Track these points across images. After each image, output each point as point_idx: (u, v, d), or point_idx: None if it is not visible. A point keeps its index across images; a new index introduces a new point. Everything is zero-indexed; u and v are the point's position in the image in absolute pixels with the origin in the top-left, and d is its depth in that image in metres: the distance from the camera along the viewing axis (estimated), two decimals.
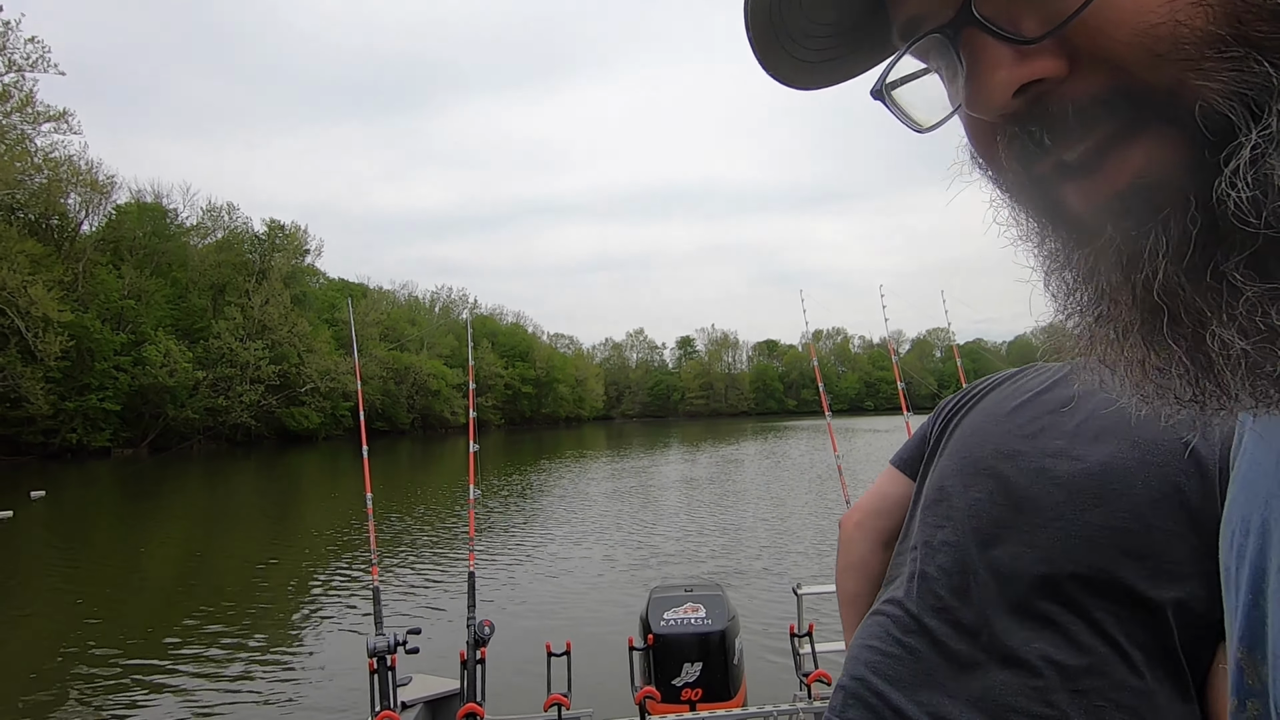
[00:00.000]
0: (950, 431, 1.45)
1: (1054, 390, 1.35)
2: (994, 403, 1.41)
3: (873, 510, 1.59)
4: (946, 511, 1.30)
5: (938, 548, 1.28)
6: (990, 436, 1.34)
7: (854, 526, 1.59)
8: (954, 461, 1.36)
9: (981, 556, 1.23)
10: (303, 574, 11.42)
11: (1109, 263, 0.41)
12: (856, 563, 1.59)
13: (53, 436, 44.22)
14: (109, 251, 49.99)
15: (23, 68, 40.97)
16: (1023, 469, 1.26)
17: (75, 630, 8.86)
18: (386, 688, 3.89)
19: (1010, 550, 1.20)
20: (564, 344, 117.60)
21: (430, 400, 72.73)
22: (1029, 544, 1.20)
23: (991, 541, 1.23)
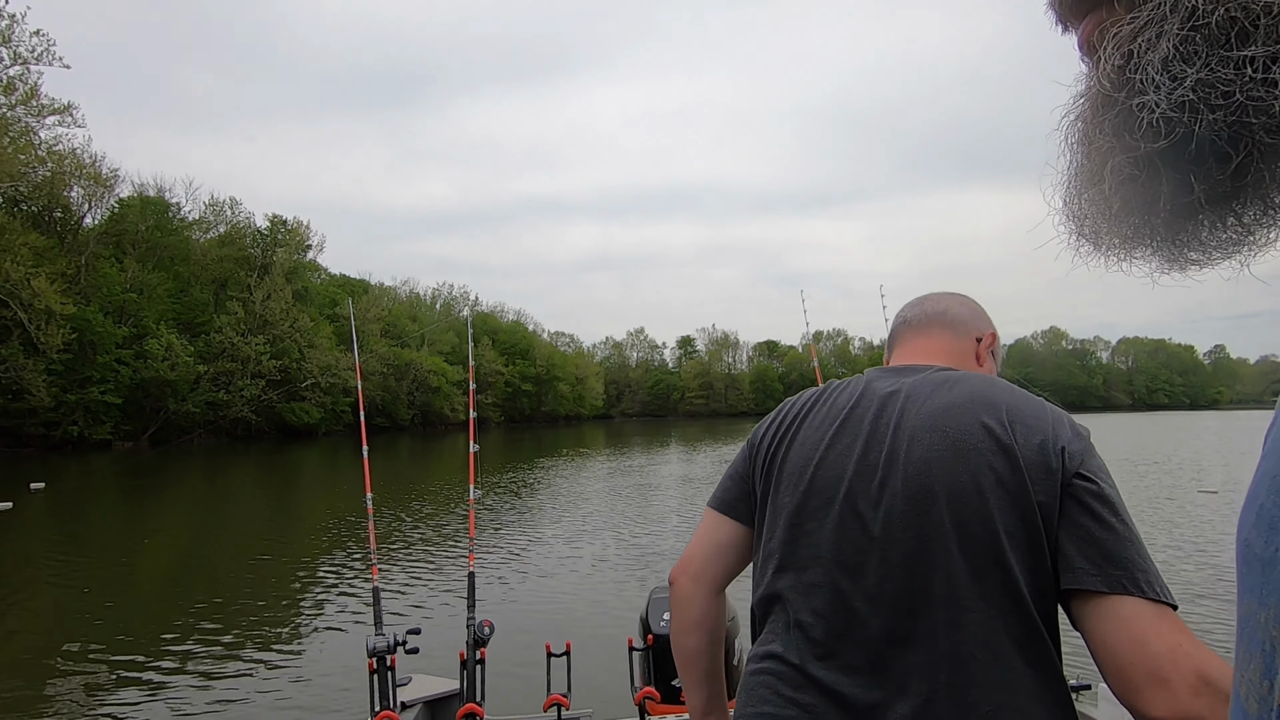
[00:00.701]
0: (778, 465, 1.39)
1: (858, 405, 1.37)
2: (815, 429, 1.37)
3: (706, 559, 1.48)
4: (811, 552, 1.26)
5: (808, 591, 1.24)
6: (826, 465, 1.30)
7: (690, 580, 1.48)
8: (797, 497, 1.31)
9: (855, 590, 1.19)
10: (302, 573, 11.41)
11: None
12: (698, 618, 1.47)
13: (54, 429, 44.26)
14: (111, 245, 50.06)
15: (28, 61, 40.96)
16: (865, 490, 1.24)
17: (71, 624, 8.85)
18: (386, 688, 3.89)
19: (878, 574, 1.18)
20: (564, 342, 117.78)
21: (430, 397, 72.77)
22: (894, 563, 1.18)
23: (859, 571, 1.20)
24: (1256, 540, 0.46)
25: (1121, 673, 1.03)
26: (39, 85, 41.83)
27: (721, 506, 1.50)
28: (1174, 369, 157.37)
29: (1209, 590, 9.18)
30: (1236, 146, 0.45)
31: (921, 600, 1.15)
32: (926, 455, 1.22)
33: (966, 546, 1.15)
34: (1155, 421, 77.05)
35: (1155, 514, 15.07)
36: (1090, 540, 1.12)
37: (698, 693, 1.53)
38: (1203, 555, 11.23)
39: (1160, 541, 12.20)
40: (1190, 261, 0.53)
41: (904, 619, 1.16)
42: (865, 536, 1.21)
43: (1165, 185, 0.49)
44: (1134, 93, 0.48)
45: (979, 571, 1.13)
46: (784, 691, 1.23)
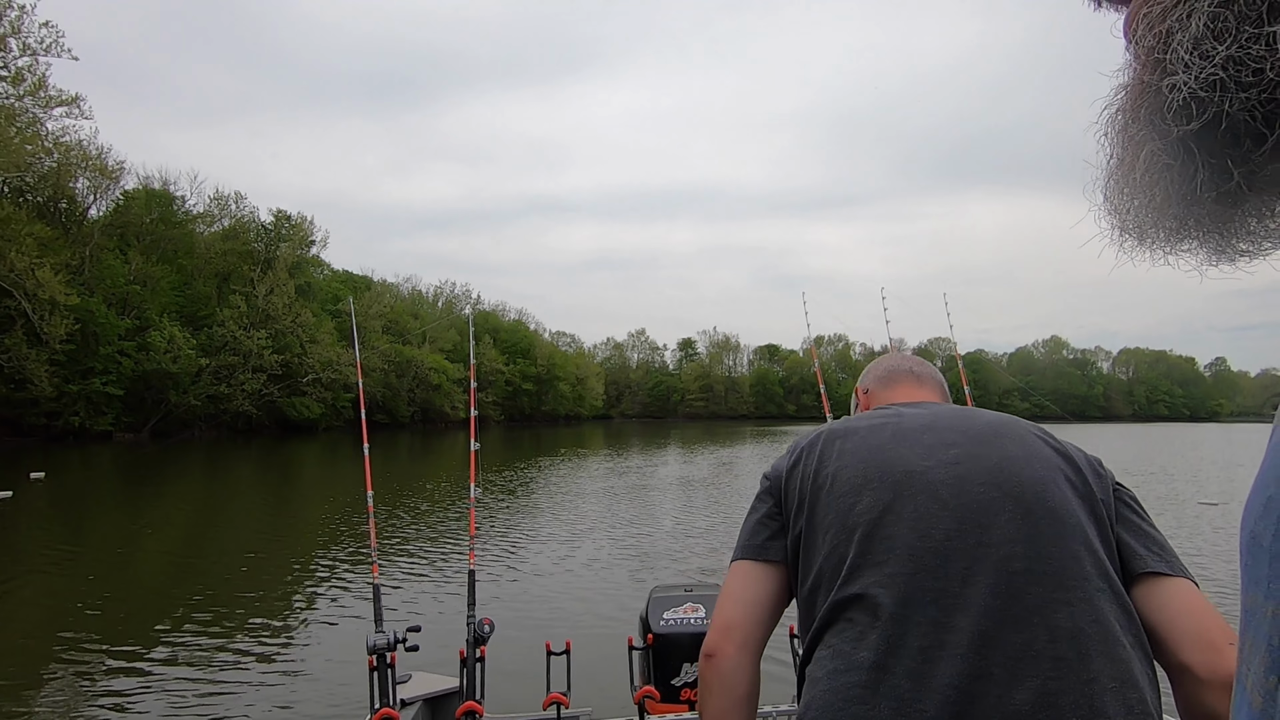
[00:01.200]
0: (826, 486, 1.36)
1: (905, 422, 1.44)
2: (861, 448, 1.39)
3: (752, 622, 1.37)
4: (900, 548, 1.24)
5: (901, 583, 1.20)
6: (895, 469, 1.32)
7: (738, 650, 1.34)
8: (868, 503, 1.30)
9: (954, 578, 1.19)
10: (302, 569, 11.42)
11: None
12: (747, 692, 1.35)
13: (55, 419, 44.30)
14: (116, 237, 50.12)
15: (36, 52, 41.04)
16: (949, 484, 1.29)
17: (68, 615, 8.83)
18: (386, 685, 3.90)
19: (977, 560, 1.21)
20: (565, 342, 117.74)
21: (431, 394, 72.77)
22: (993, 547, 1.22)
23: (955, 559, 1.22)
24: (1265, 532, 0.45)
25: (1201, 637, 1.16)
26: (47, 76, 41.94)
27: (755, 554, 1.41)
28: (1174, 380, 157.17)
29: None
30: (1272, 125, 0.44)
31: (1027, 581, 1.19)
32: (1002, 454, 1.33)
33: (1060, 530, 1.23)
34: (1155, 432, 76.95)
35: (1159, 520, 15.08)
36: (1144, 535, 1.31)
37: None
38: (1200, 562, 11.26)
39: None
40: (1239, 253, 0.52)
41: (1011, 601, 1.17)
42: (958, 526, 1.24)
43: (1202, 171, 0.47)
44: (1165, 74, 0.47)
45: (1075, 554, 1.22)
46: (882, 689, 1.15)
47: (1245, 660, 0.46)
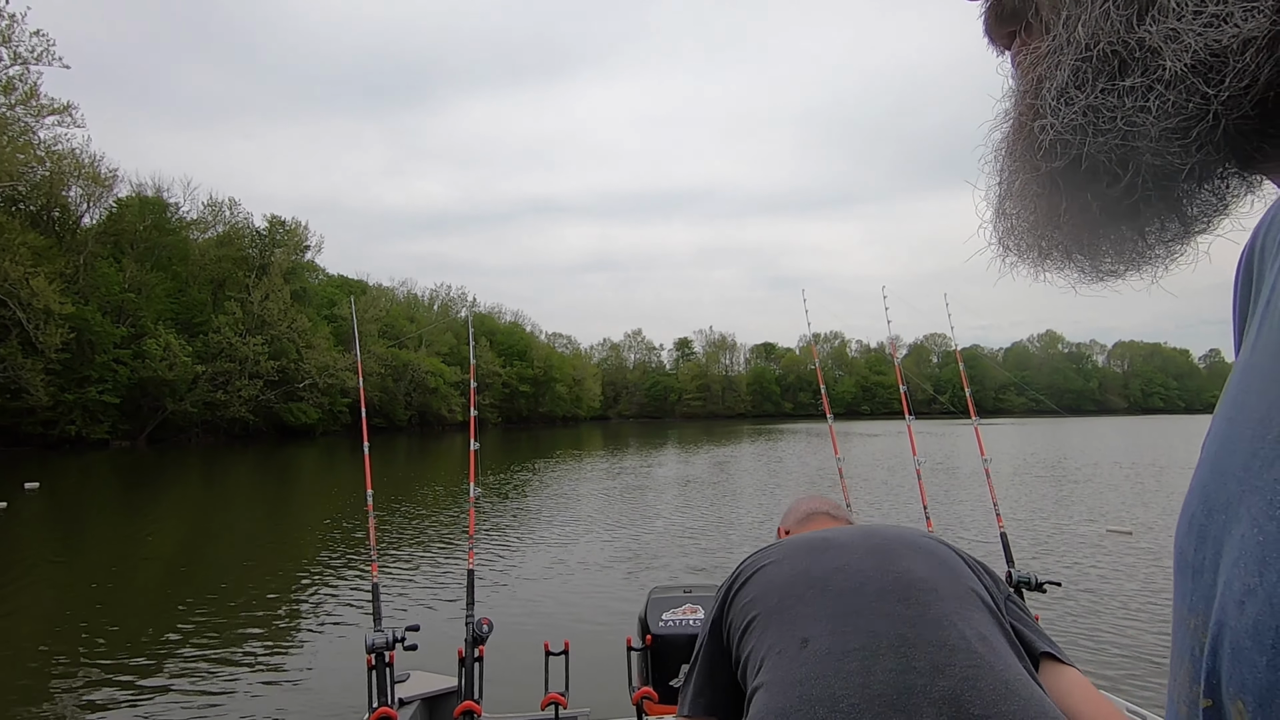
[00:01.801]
0: (765, 598, 1.48)
1: (817, 534, 1.63)
2: (797, 561, 1.53)
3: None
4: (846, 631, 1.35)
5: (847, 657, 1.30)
6: (832, 574, 1.47)
7: None
8: (804, 599, 1.42)
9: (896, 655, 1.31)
10: (301, 570, 11.42)
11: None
12: None
13: (52, 428, 44.25)
14: (110, 244, 50.05)
15: (28, 60, 40.95)
16: (882, 579, 1.43)
17: (65, 622, 8.84)
18: (384, 684, 3.91)
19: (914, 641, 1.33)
20: (562, 343, 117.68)
21: (428, 397, 72.75)
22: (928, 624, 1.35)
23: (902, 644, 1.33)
24: (1188, 548, 0.48)
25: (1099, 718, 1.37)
26: (38, 85, 41.86)
27: (707, 708, 1.54)
28: (1169, 373, 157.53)
29: None
30: (1125, 167, 0.48)
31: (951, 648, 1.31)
32: (907, 547, 1.51)
33: (955, 590, 1.41)
34: (1150, 425, 77.11)
35: (1150, 515, 15.14)
36: (1034, 627, 1.48)
37: None
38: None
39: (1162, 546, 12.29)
40: (1107, 273, 0.56)
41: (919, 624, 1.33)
42: (902, 608, 1.36)
43: (1064, 202, 0.52)
44: (1036, 115, 0.51)
45: (967, 603, 1.40)
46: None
47: (1173, 673, 0.48)
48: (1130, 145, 0.47)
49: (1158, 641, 7.51)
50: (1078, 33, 0.48)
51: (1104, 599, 9.00)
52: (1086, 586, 9.50)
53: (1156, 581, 9.86)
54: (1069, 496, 19.05)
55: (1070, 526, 14.21)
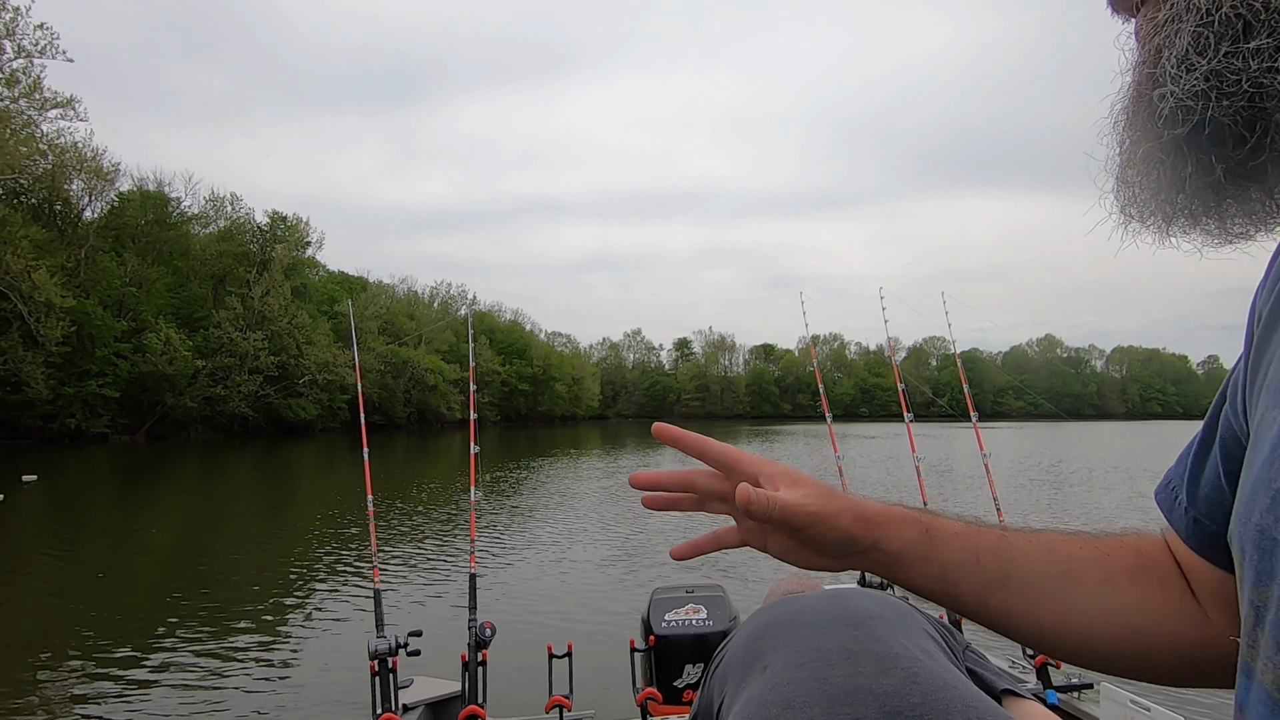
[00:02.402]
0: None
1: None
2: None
3: None
4: None
5: None
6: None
7: None
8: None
9: None
10: (302, 574, 11.39)
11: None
12: None
13: (51, 421, 44.27)
14: (111, 238, 50.03)
15: (31, 54, 40.93)
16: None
17: (60, 623, 8.78)
18: (388, 690, 3.91)
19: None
20: (561, 343, 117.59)
21: (427, 395, 72.73)
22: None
23: None
24: (1273, 525, 0.48)
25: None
26: (42, 78, 41.86)
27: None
28: (1168, 378, 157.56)
29: None
30: (1252, 128, 0.49)
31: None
32: (876, 601, 1.42)
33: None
34: (1149, 430, 77.09)
35: (1147, 520, 15.13)
36: (991, 668, 1.39)
37: None
38: None
39: None
40: (1236, 235, 0.57)
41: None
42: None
43: (1189, 167, 0.53)
44: (1155, 84, 0.52)
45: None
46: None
47: (1264, 655, 0.48)
48: (1257, 106, 0.48)
49: None
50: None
51: None
52: None
53: None
54: (1066, 500, 19.06)
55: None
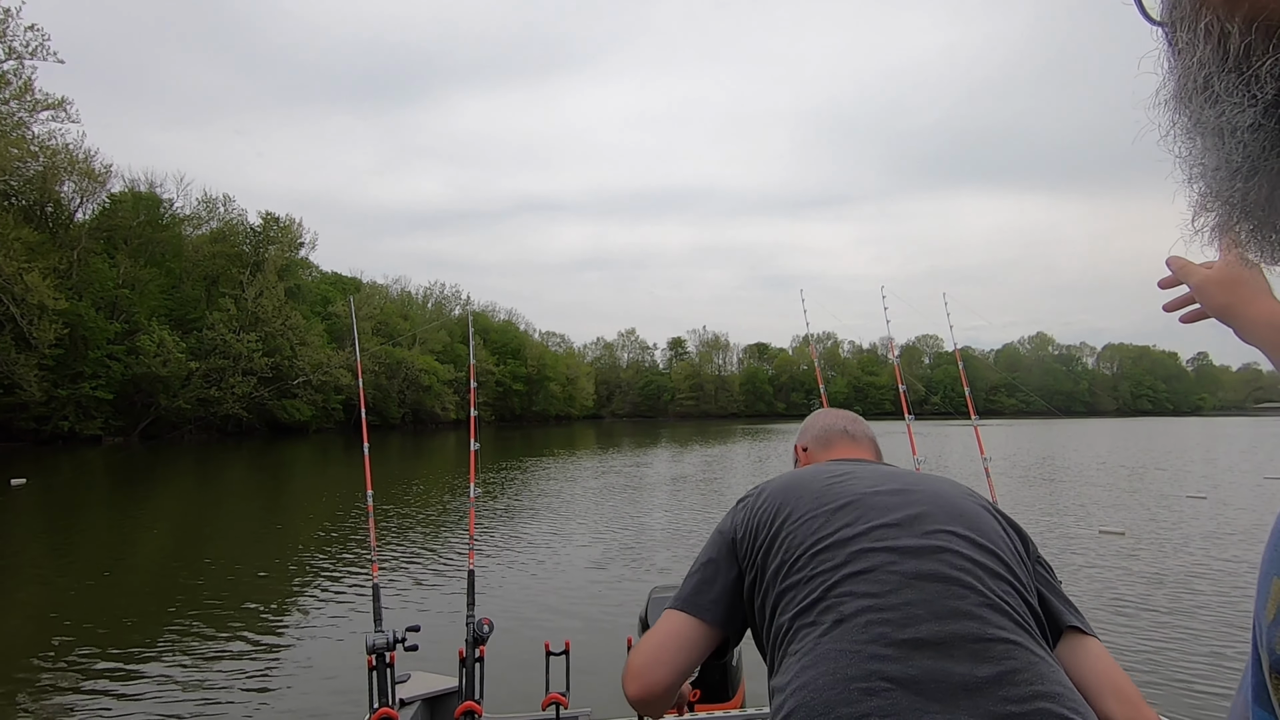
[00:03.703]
0: (779, 529, 1.45)
1: (853, 475, 1.57)
2: (823, 492, 1.50)
3: (672, 686, 1.46)
4: (877, 569, 1.33)
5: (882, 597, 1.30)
6: (857, 507, 1.45)
7: (656, 704, 1.47)
8: (836, 534, 1.39)
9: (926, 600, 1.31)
10: (300, 570, 11.39)
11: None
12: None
13: (45, 423, 44.16)
14: (103, 240, 49.88)
15: (22, 55, 40.80)
16: (912, 520, 1.42)
17: (52, 622, 8.77)
18: (385, 684, 3.91)
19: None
20: (555, 342, 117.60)
21: (421, 395, 72.66)
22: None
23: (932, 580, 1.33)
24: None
25: (1120, 691, 1.36)
26: (33, 80, 41.73)
27: (696, 610, 1.48)
28: (1158, 375, 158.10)
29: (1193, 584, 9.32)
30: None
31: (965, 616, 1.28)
32: (954, 509, 1.46)
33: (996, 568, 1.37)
34: (1139, 427, 77.34)
35: (1145, 514, 15.20)
36: (1062, 596, 1.48)
37: None
38: (1195, 554, 11.37)
39: (1158, 538, 12.37)
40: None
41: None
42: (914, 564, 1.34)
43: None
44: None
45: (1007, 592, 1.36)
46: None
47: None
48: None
49: (1152, 643, 7.56)
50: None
51: (1099, 600, 9.06)
52: (1081, 588, 9.56)
53: (1151, 582, 9.93)
54: (1060, 497, 19.12)
55: (1062, 527, 14.28)
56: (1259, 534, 13.63)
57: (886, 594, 1.26)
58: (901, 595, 1.26)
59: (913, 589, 1.27)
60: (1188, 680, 6.50)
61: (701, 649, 1.48)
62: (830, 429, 1.93)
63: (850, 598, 1.28)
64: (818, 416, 2.00)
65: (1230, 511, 16.36)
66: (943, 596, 1.26)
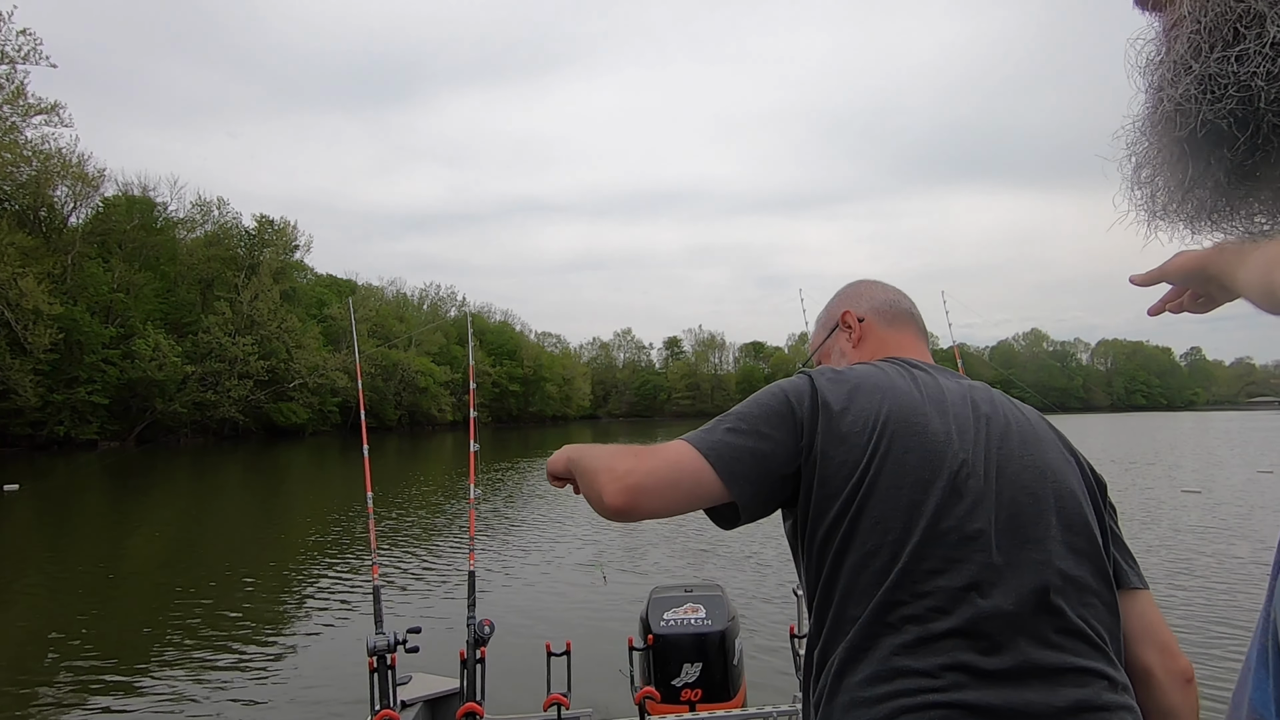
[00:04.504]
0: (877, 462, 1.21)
1: (952, 407, 1.33)
2: (921, 428, 1.25)
3: (662, 509, 1.25)
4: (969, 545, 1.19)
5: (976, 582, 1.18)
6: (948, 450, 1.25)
7: (640, 514, 1.24)
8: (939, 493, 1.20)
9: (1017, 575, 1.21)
10: (301, 572, 11.39)
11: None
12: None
13: (40, 429, 44.05)
14: (97, 244, 49.77)
15: (14, 60, 40.68)
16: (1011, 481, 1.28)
17: (54, 626, 8.73)
18: (386, 686, 3.92)
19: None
20: (551, 343, 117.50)
21: (418, 397, 72.64)
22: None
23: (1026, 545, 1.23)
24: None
25: (1159, 641, 1.31)
26: (25, 84, 41.61)
27: (725, 473, 1.23)
28: (1151, 371, 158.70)
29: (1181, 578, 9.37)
30: (1245, 129, 0.51)
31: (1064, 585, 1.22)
32: (1044, 462, 1.29)
33: (1087, 546, 1.27)
34: (1133, 422, 77.53)
35: (1145, 512, 15.26)
36: (1125, 551, 1.36)
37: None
38: (1186, 551, 11.41)
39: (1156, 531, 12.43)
40: (1259, 233, 0.58)
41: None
42: (1010, 528, 1.22)
43: (1191, 169, 0.55)
44: (1162, 85, 0.55)
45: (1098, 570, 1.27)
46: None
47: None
48: (1249, 109, 0.49)
49: None
50: (1190, 4, 0.52)
51: None
52: None
53: (1150, 574, 9.95)
54: None
55: None
56: (1252, 527, 13.71)
57: (972, 619, 1.14)
58: (988, 625, 1.14)
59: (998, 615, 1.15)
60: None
61: (704, 504, 1.26)
62: (897, 305, 1.57)
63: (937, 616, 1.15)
64: (868, 284, 1.62)
65: (1224, 505, 16.45)
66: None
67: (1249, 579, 9.78)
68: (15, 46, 40.59)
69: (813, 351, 1.67)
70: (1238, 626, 7.74)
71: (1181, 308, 1.12)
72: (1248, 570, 10.29)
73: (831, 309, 1.62)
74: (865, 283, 1.62)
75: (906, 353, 1.48)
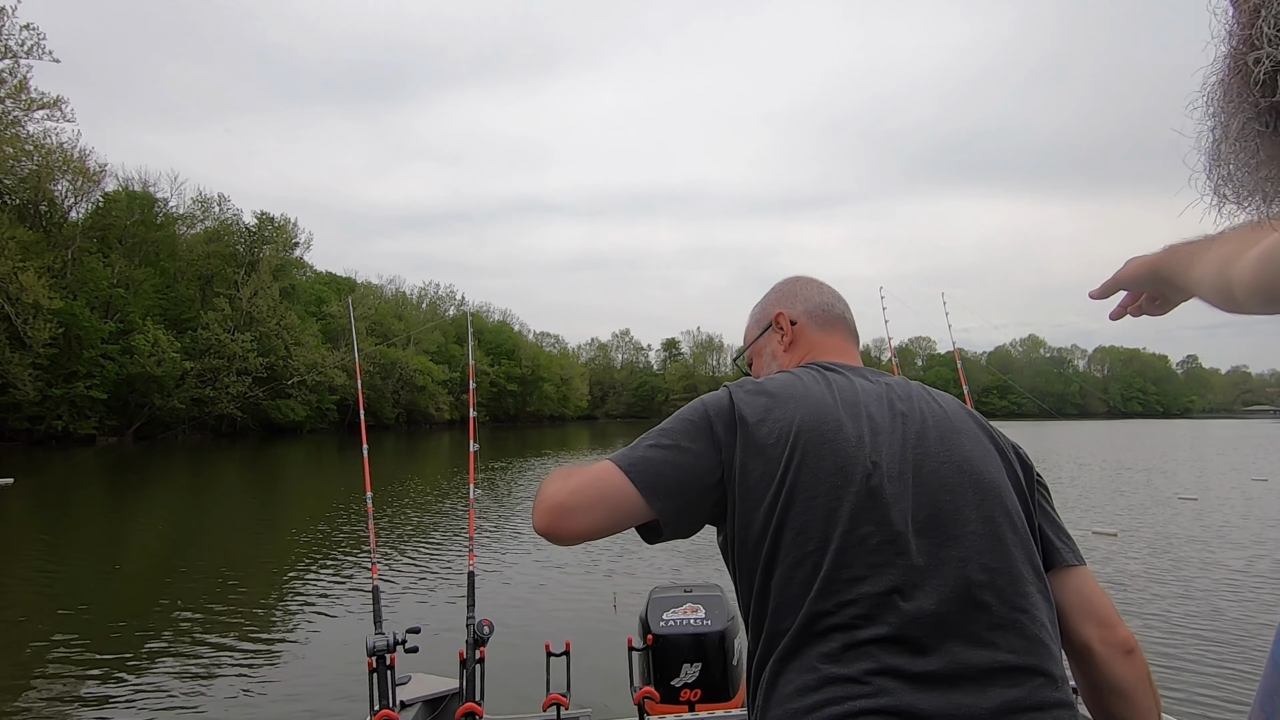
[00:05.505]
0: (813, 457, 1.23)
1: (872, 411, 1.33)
2: (834, 432, 1.26)
3: (590, 534, 1.26)
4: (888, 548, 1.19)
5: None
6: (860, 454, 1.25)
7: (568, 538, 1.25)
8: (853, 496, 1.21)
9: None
10: (299, 571, 11.36)
11: None
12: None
13: (39, 423, 44.07)
14: (97, 239, 49.80)
15: (17, 54, 40.70)
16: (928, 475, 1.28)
17: (49, 625, 8.70)
18: (385, 686, 3.93)
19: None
20: (549, 343, 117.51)
21: (416, 395, 72.63)
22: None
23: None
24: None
25: (1095, 614, 1.31)
26: (28, 79, 41.62)
27: (646, 489, 1.23)
28: (1148, 378, 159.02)
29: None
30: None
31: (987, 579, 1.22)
32: (962, 454, 1.30)
33: (1005, 528, 1.27)
34: (1130, 429, 77.57)
35: (1133, 517, 15.29)
36: (1057, 527, 1.39)
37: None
38: (1183, 553, 11.45)
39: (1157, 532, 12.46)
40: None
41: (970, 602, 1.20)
42: (928, 521, 1.23)
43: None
44: (1251, 48, 0.49)
45: (1016, 556, 1.26)
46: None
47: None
48: None
49: (1145, 642, 7.61)
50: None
51: None
52: None
53: (1144, 584, 10.00)
54: (1055, 498, 19.17)
55: None
56: (1249, 535, 13.75)
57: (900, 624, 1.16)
58: (915, 628, 1.15)
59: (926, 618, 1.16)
60: (1186, 683, 6.55)
61: (630, 520, 1.26)
62: (830, 309, 1.59)
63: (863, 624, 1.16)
64: (804, 284, 1.64)
65: (1221, 513, 16.48)
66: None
67: (1242, 585, 9.84)
68: (19, 40, 40.66)
69: (745, 346, 1.68)
70: (1237, 629, 7.78)
71: (1141, 310, 1.15)
72: (1239, 578, 10.36)
73: (766, 307, 1.64)
74: (802, 281, 1.65)
75: (835, 356, 1.50)
